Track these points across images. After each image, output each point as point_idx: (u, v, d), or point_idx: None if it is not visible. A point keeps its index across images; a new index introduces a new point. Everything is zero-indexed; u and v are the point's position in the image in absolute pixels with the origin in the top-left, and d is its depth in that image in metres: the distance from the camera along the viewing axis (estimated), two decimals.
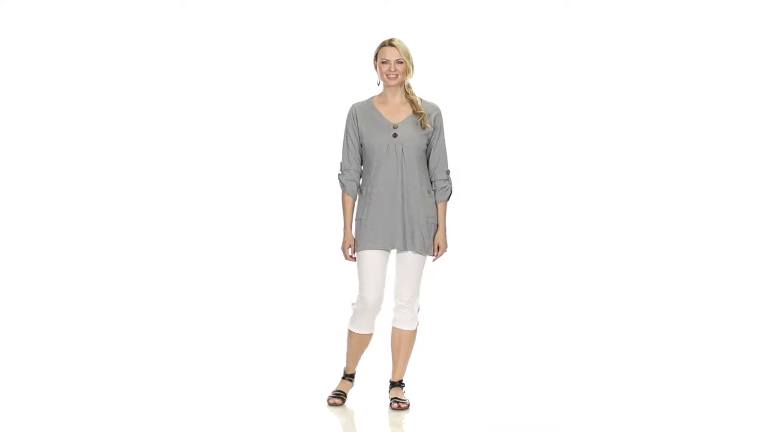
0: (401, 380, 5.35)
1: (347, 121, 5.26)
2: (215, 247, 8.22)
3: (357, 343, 5.33)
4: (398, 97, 5.23)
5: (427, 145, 5.22)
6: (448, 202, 5.30)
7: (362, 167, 5.25)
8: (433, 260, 5.28)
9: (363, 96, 5.32)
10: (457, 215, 7.81)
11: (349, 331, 5.33)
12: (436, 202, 5.25)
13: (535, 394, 5.61)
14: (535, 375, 6.04)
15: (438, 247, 5.24)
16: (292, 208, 8.04)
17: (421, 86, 5.35)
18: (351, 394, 5.46)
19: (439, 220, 5.25)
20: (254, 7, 8.22)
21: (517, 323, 7.49)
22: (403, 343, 5.30)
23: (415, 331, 5.31)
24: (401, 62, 5.14)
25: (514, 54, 8.22)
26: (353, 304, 5.27)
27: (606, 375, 6.06)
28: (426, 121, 5.18)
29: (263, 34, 8.23)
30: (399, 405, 5.25)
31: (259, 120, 8.28)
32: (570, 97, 8.24)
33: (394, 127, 5.17)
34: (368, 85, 5.44)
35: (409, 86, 5.23)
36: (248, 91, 8.28)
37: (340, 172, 5.28)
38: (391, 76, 5.15)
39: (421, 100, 5.24)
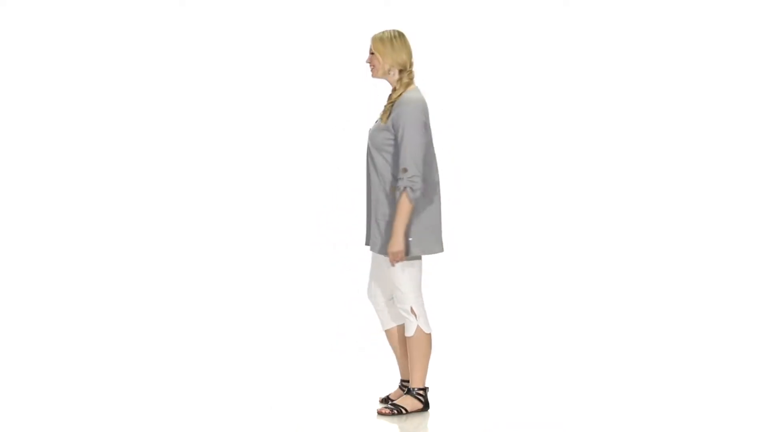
0: (414, 386, 5.13)
1: None
2: (214, 246, 8.23)
3: (391, 342, 5.28)
4: (391, 93, 5.11)
5: (395, 141, 4.96)
6: (412, 203, 4.87)
7: None
8: (391, 265, 4.99)
9: (361, 97, 5.31)
10: (457, 215, 7.86)
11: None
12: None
13: (536, 394, 5.60)
14: (535, 375, 6.04)
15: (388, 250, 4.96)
16: (292, 207, 8.04)
17: (421, 85, 5.33)
18: (352, 395, 5.45)
19: (393, 220, 4.93)
20: (254, 7, 8.23)
21: (516, 323, 7.49)
22: (410, 347, 5.11)
23: (418, 337, 5.07)
24: (372, 53, 5.03)
25: (514, 54, 8.23)
26: None
27: (605, 374, 6.06)
28: (384, 115, 5.01)
29: (263, 34, 8.23)
30: (382, 411, 5.11)
31: (260, 119, 8.28)
32: (569, 96, 8.24)
33: (375, 123, 5.12)
34: (368, 84, 5.44)
35: (398, 80, 5.04)
36: (249, 91, 8.29)
37: None
38: (370, 67, 5.09)
39: (407, 95, 4.99)
